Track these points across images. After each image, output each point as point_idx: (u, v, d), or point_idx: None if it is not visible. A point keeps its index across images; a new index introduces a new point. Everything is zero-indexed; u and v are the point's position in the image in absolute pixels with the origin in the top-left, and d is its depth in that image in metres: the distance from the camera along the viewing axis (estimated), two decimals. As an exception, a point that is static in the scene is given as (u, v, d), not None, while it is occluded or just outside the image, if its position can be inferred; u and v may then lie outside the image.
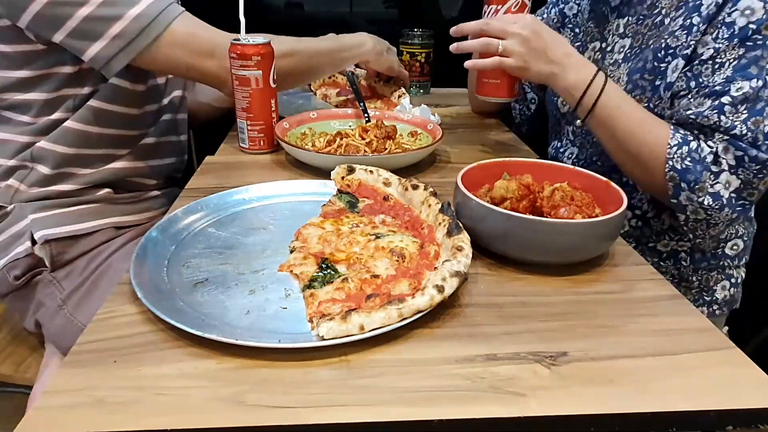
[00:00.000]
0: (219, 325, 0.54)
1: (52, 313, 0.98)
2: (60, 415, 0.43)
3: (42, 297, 0.99)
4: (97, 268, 0.99)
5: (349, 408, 0.45)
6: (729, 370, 0.51)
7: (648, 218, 0.99)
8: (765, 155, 0.79)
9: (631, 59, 0.97)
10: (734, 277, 1.02)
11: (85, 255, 1.00)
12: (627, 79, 0.95)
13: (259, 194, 0.81)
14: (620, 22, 1.01)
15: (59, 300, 0.97)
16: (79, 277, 0.98)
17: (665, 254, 1.01)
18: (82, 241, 1.00)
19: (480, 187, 0.74)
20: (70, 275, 0.99)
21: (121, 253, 1.01)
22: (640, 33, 0.97)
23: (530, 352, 0.52)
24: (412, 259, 0.63)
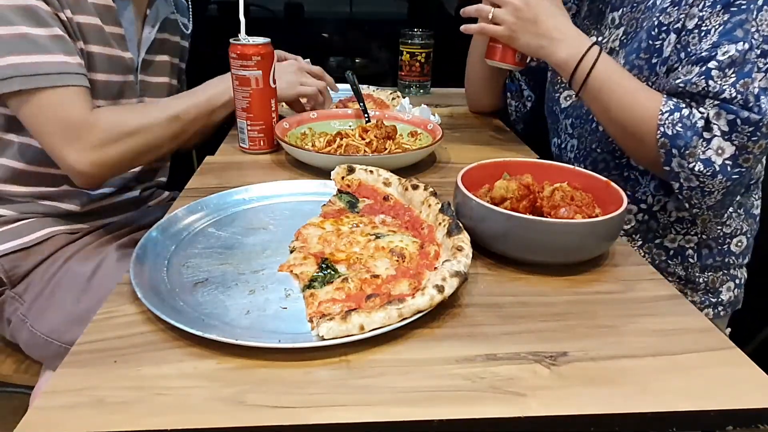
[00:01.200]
0: (219, 325, 0.54)
1: (19, 327, 0.98)
2: (60, 415, 0.43)
3: (9, 315, 1.00)
4: (53, 275, 0.98)
5: (349, 408, 0.45)
6: (729, 370, 0.51)
7: (654, 211, 0.99)
8: (757, 116, 0.78)
9: (626, 44, 0.97)
10: (738, 278, 1.03)
11: (40, 265, 1.00)
12: (624, 61, 0.95)
13: (259, 194, 0.81)
14: (615, 15, 1.02)
15: (21, 314, 0.97)
16: (38, 287, 0.98)
17: (672, 251, 1.00)
18: (35, 252, 1.00)
19: (480, 187, 0.74)
20: (29, 288, 0.99)
21: (79, 257, 1.00)
22: (634, 19, 0.97)
23: (530, 352, 0.52)
24: (412, 259, 0.63)
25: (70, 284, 0.96)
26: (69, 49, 0.89)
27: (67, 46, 0.89)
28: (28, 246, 0.99)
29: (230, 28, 1.02)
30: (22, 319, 0.97)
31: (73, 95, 0.89)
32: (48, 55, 0.86)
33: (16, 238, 0.99)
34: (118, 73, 1.02)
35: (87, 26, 0.94)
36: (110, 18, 0.98)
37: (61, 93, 0.88)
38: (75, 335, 0.53)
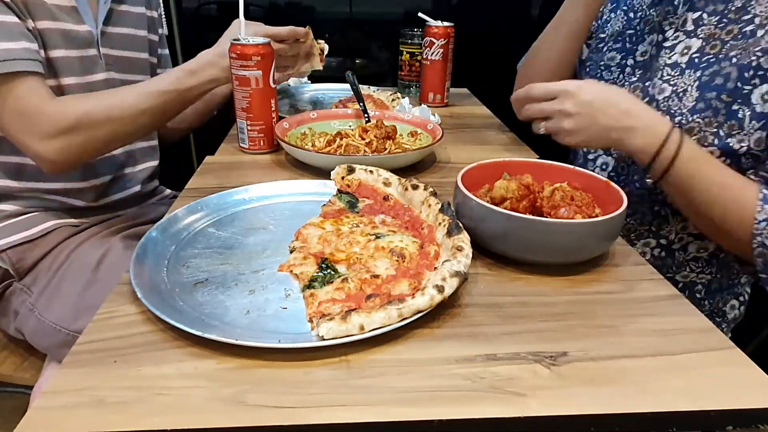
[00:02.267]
0: (219, 325, 0.54)
1: (26, 318, 0.99)
2: (60, 415, 0.43)
3: (17, 306, 1.01)
4: (60, 266, 0.99)
5: (349, 408, 0.45)
6: (729, 370, 0.51)
7: (673, 249, 0.94)
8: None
9: (701, 67, 0.83)
10: (742, 295, 1.00)
11: (46, 256, 1.01)
12: (697, 94, 0.82)
13: (259, 194, 0.81)
14: (690, 17, 0.87)
15: (29, 304, 0.98)
16: (45, 278, 0.99)
17: (681, 285, 0.96)
18: (40, 244, 1.01)
19: (480, 187, 0.74)
20: (37, 279, 1.00)
21: (84, 248, 1.01)
22: (718, 39, 0.83)
23: (530, 352, 0.52)
24: (412, 259, 0.63)
25: (76, 274, 0.97)
26: (14, 34, 0.86)
27: (10, 30, 0.86)
28: (34, 238, 1.00)
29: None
30: (30, 308, 0.98)
31: (27, 82, 0.87)
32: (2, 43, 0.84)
33: (21, 231, 1.00)
34: (77, 47, 0.99)
35: (32, 2, 0.91)
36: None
37: (11, 82, 0.85)
38: (83, 324, 0.53)
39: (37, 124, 0.87)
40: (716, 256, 0.94)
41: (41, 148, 0.89)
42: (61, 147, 0.89)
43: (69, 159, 0.92)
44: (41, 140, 0.88)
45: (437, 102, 1.42)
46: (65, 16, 0.97)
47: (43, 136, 0.88)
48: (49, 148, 0.89)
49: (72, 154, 0.91)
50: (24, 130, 0.88)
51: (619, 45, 1.00)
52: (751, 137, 0.79)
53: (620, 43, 1.00)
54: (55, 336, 0.94)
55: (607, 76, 1.00)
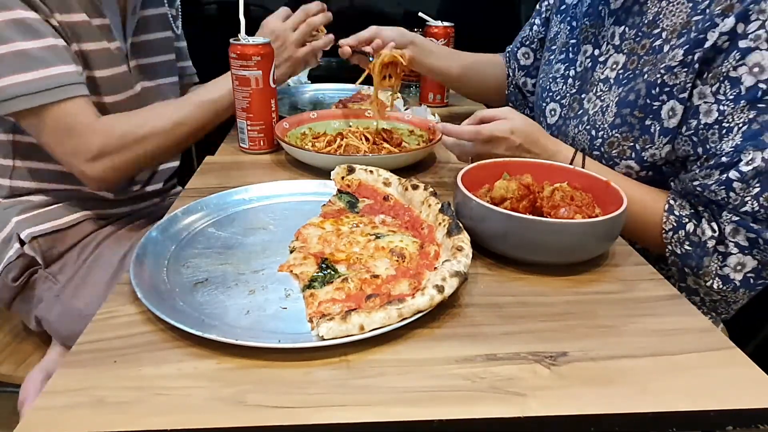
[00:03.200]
0: (219, 325, 0.54)
1: (50, 305, 1.00)
2: (60, 415, 0.43)
3: (41, 293, 1.02)
4: (88, 256, 1.02)
5: (349, 408, 0.45)
6: (729, 370, 0.51)
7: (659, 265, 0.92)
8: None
9: (622, 83, 0.87)
10: None
11: (75, 246, 1.03)
12: (616, 110, 0.85)
13: (259, 194, 0.81)
14: (616, 30, 0.90)
15: (56, 292, 1.00)
16: (73, 268, 1.01)
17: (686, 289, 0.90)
18: (70, 234, 1.03)
19: (480, 187, 0.74)
20: (64, 268, 1.02)
21: (111, 240, 1.04)
22: (635, 53, 0.86)
23: (530, 352, 0.52)
24: (412, 259, 0.63)
25: (104, 265, 1.00)
26: (65, 58, 0.89)
27: (63, 54, 0.89)
28: (63, 228, 1.03)
29: (230, 28, 1.02)
30: (56, 295, 1.00)
31: (77, 106, 0.90)
32: (47, 69, 0.87)
33: (52, 220, 1.02)
34: (113, 66, 1.01)
35: (77, 25, 0.93)
36: (95, 10, 0.97)
37: (64, 106, 0.89)
38: None
39: (83, 145, 0.91)
40: None
41: (88, 169, 0.93)
42: (105, 167, 0.93)
43: (115, 177, 0.96)
44: (87, 162, 0.92)
45: (437, 102, 1.42)
46: (101, 36, 0.99)
47: (88, 157, 0.91)
48: (95, 169, 0.93)
49: (117, 173, 0.96)
50: (75, 151, 0.91)
51: (563, 56, 1.02)
52: (662, 150, 0.82)
53: (564, 54, 1.02)
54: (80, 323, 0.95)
55: (554, 88, 1.03)
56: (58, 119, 0.89)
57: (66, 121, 0.89)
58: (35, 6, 0.87)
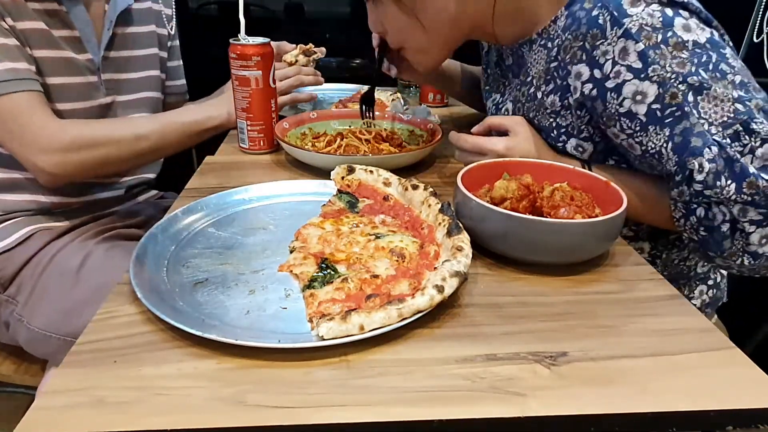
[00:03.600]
0: (219, 325, 0.54)
1: (17, 328, 0.98)
2: (60, 415, 0.43)
3: (6, 317, 1.00)
4: (42, 271, 0.99)
5: (349, 408, 0.45)
6: (729, 370, 0.51)
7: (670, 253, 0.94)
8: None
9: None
10: (711, 279, 0.99)
11: (27, 265, 1.00)
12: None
13: (259, 194, 0.81)
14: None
15: (17, 315, 0.98)
16: (29, 286, 0.98)
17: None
18: (20, 252, 1.00)
19: (480, 187, 0.74)
20: (21, 287, 0.99)
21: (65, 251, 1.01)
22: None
23: (530, 352, 0.52)
24: (412, 259, 0.63)
25: (59, 278, 0.97)
26: (15, 56, 0.90)
27: (12, 52, 0.90)
28: (12, 247, 1.00)
29: (230, 28, 1.02)
30: (18, 318, 0.97)
31: (28, 100, 0.91)
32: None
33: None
34: (76, 74, 1.01)
35: (32, 32, 0.94)
36: (59, 22, 0.97)
37: (15, 99, 0.89)
38: (72, 327, 0.53)
39: (38, 138, 0.91)
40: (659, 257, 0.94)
41: (39, 161, 0.92)
42: (58, 162, 0.93)
43: (66, 175, 0.96)
44: (41, 153, 0.92)
45: (437, 102, 1.42)
46: (67, 45, 0.99)
47: (43, 150, 0.91)
48: (48, 162, 0.92)
49: (68, 172, 0.95)
50: (28, 144, 0.91)
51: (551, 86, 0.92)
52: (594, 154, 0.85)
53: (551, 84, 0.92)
54: (48, 343, 0.94)
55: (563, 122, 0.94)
56: (8, 112, 0.89)
57: (14, 113, 0.90)
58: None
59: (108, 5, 1.05)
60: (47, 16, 0.95)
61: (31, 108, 0.91)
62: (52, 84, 0.98)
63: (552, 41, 0.84)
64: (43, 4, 0.94)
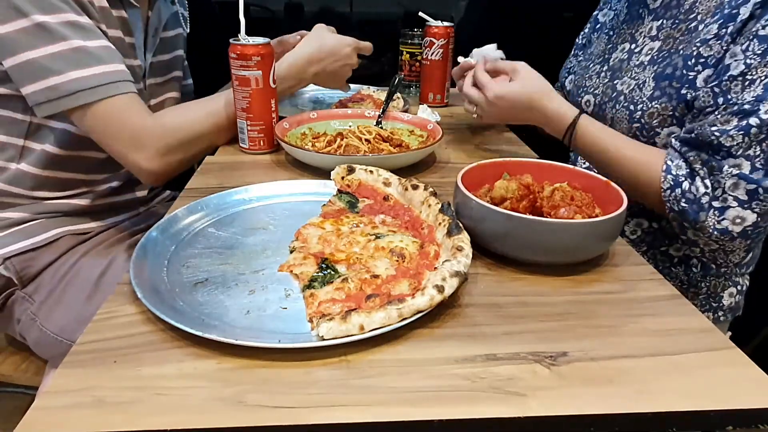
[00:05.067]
0: (219, 325, 0.54)
1: (28, 327, 0.98)
2: (60, 415, 0.43)
3: (19, 314, 1.00)
4: (64, 275, 0.99)
5: (349, 408, 0.45)
6: (729, 370, 0.51)
7: (662, 224, 0.99)
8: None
9: (657, 62, 0.94)
10: (740, 285, 1.02)
11: (51, 265, 1.00)
12: (654, 84, 0.92)
13: (259, 194, 0.81)
14: (654, 25, 0.99)
15: (31, 313, 0.98)
16: (48, 287, 0.98)
17: (677, 259, 1.00)
18: (45, 253, 1.00)
19: (480, 187, 0.74)
20: (39, 288, 0.99)
21: (88, 258, 1.01)
22: (672, 37, 0.94)
23: (530, 352, 0.52)
24: (412, 259, 0.63)
25: (80, 284, 0.97)
26: (118, 58, 0.91)
27: (116, 55, 0.91)
28: (39, 246, 1.00)
29: (230, 28, 1.02)
30: (32, 317, 0.97)
31: (133, 101, 0.92)
32: (105, 66, 0.88)
33: (26, 239, 0.99)
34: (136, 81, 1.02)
35: (115, 40, 0.95)
36: (126, 29, 0.98)
37: (122, 100, 0.90)
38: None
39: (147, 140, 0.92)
40: None
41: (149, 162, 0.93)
42: (167, 160, 0.95)
43: (170, 170, 0.98)
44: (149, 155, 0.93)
45: (437, 102, 1.42)
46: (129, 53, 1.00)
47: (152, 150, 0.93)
48: (155, 162, 0.94)
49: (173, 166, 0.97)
50: (134, 146, 0.92)
51: (600, 59, 1.11)
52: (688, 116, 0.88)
53: (600, 58, 1.11)
54: (57, 346, 0.94)
55: (588, 83, 1.10)
56: (116, 114, 0.90)
57: (124, 117, 0.91)
58: (89, 13, 0.88)
59: (151, 12, 1.06)
60: (120, 24, 0.97)
61: (133, 109, 0.92)
62: None
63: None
64: (117, 11, 0.96)
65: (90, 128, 0.91)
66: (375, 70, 2.24)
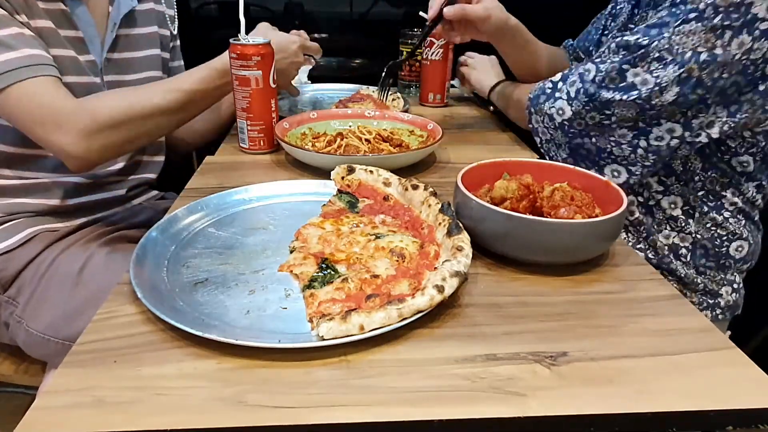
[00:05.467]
0: (219, 325, 0.54)
1: (16, 329, 0.97)
2: (60, 415, 0.43)
3: (5, 318, 0.99)
4: (44, 274, 0.98)
5: (349, 408, 0.45)
6: (729, 370, 0.51)
7: (650, 206, 1.01)
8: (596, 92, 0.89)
9: None
10: (736, 282, 1.02)
11: (29, 265, 0.99)
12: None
13: (259, 194, 0.81)
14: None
15: (16, 316, 0.97)
16: (29, 289, 0.97)
17: (667, 248, 1.01)
18: (21, 253, 0.99)
19: (480, 187, 0.74)
20: (22, 289, 0.98)
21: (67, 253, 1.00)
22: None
23: (530, 352, 0.52)
24: (412, 259, 0.63)
25: (60, 281, 0.96)
26: (34, 44, 0.89)
27: (31, 41, 0.88)
28: (13, 248, 0.99)
29: (230, 28, 1.02)
30: (17, 320, 0.97)
31: (51, 84, 0.88)
32: (14, 52, 0.86)
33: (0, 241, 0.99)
34: (81, 75, 1.01)
35: (42, 30, 0.93)
36: (65, 21, 0.97)
37: (37, 83, 0.87)
38: (71, 330, 0.52)
39: (69, 121, 0.88)
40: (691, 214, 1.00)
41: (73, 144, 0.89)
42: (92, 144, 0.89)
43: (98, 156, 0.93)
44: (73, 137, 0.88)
45: (437, 102, 1.42)
46: (70, 46, 0.98)
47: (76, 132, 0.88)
48: (80, 145, 0.89)
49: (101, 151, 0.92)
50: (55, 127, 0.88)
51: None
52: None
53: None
54: (47, 346, 0.93)
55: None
56: (31, 96, 0.87)
57: (42, 98, 0.87)
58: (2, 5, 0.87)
59: (111, 7, 1.05)
60: (54, 16, 0.95)
61: (51, 91, 0.89)
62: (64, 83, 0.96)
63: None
64: (49, 4, 0.94)
65: (9, 116, 0.89)
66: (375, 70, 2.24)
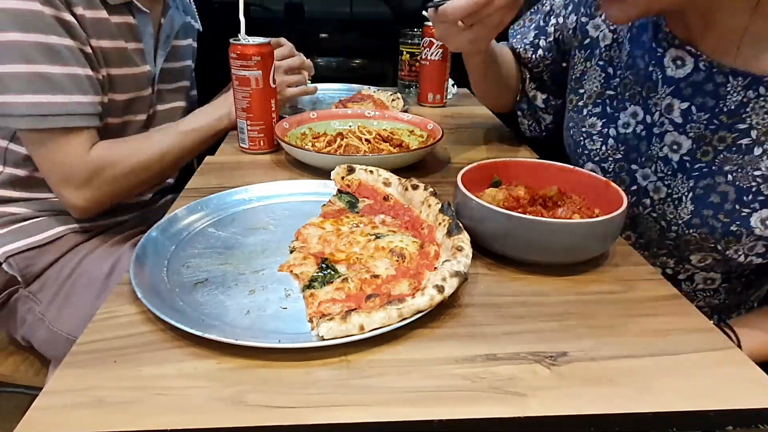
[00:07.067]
0: (219, 325, 0.54)
1: (35, 327, 0.98)
2: (60, 415, 0.43)
3: (23, 313, 1.00)
4: (70, 274, 0.99)
5: (349, 408, 0.45)
6: (729, 370, 0.51)
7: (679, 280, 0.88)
8: None
9: (693, 176, 0.77)
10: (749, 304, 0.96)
11: (55, 263, 1.00)
12: (692, 207, 0.77)
13: (259, 194, 0.81)
14: (676, 104, 0.78)
15: (38, 313, 0.97)
16: (54, 287, 0.98)
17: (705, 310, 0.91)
18: (48, 250, 1.00)
19: (480, 187, 0.74)
20: (45, 286, 0.99)
21: (94, 256, 1.01)
22: (710, 144, 0.76)
23: (530, 352, 0.52)
24: (412, 259, 0.63)
25: (87, 283, 0.97)
26: (84, 88, 0.90)
27: (83, 84, 0.90)
28: (41, 244, 1.00)
29: (230, 28, 1.02)
30: (39, 318, 0.97)
31: (78, 137, 0.91)
32: (62, 96, 0.87)
33: (28, 236, 1.00)
34: (137, 89, 1.03)
35: (110, 50, 0.95)
36: (132, 35, 0.98)
37: (67, 135, 0.90)
38: None
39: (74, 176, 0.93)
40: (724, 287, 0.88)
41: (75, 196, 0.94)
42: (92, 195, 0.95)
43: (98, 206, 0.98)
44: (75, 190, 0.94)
45: (436, 102, 1.42)
46: (135, 59, 1.00)
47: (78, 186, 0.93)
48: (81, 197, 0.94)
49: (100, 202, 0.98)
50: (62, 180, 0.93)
51: (599, 109, 0.91)
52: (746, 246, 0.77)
53: (600, 107, 0.90)
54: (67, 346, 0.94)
55: (590, 146, 0.91)
56: (56, 148, 0.90)
57: (63, 152, 0.91)
58: (73, 33, 0.87)
59: (164, 18, 1.07)
60: (124, 31, 0.97)
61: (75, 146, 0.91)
62: (121, 99, 1.00)
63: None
64: (122, 17, 0.96)
65: (30, 152, 0.93)
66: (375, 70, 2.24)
